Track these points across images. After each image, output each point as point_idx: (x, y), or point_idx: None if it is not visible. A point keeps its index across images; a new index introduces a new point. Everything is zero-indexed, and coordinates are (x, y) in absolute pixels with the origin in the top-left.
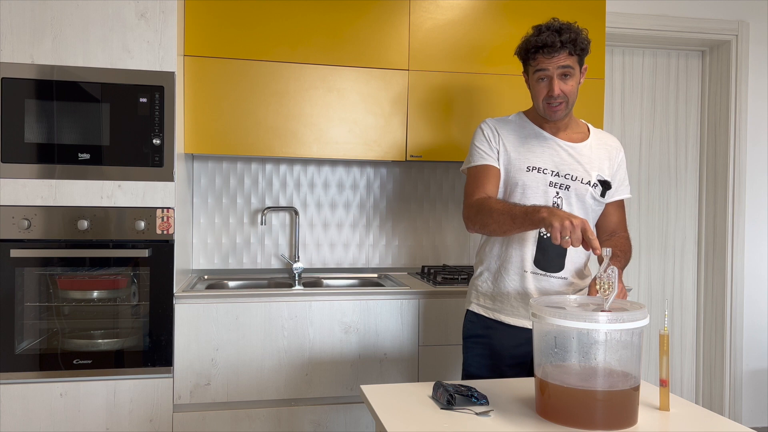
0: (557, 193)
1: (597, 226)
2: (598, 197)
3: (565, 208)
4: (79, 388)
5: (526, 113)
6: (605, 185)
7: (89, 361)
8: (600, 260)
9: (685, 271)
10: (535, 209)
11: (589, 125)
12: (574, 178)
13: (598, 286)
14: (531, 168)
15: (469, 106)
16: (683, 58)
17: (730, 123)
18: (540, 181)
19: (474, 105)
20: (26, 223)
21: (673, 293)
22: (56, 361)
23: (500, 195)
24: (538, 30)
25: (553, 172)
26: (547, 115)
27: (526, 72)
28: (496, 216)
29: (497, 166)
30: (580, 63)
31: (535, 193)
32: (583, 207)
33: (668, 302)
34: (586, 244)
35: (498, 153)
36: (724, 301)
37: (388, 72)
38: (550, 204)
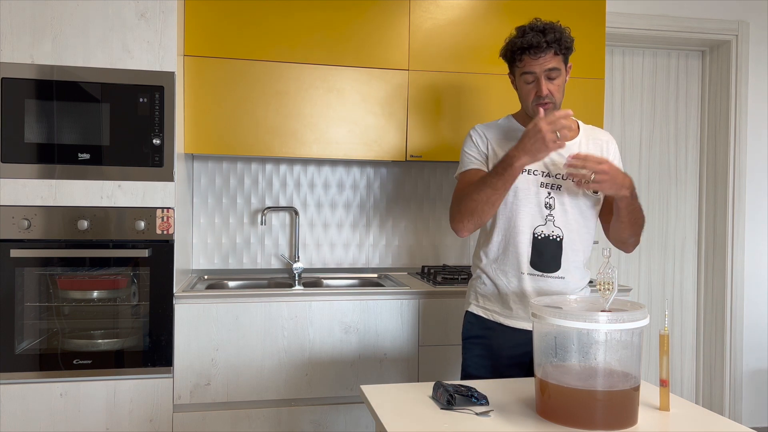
0: (549, 193)
1: (602, 217)
2: (590, 194)
3: (557, 207)
4: (79, 388)
5: (515, 116)
6: None
7: (89, 361)
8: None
9: (685, 271)
10: (502, 161)
11: (579, 122)
12: (565, 178)
13: (597, 286)
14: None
15: (470, 106)
16: (683, 58)
17: (730, 123)
18: (531, 182)
19: (474, 105)
20: (26, 223)
21: (673, 293)
22: (56, 361)
23: None
24: (522, 31)
25: (543, 173)
26: (537, 115)
27: (512, 73)
28: (473, 189)
29: (485, 169)
30: (566, 62)
31: (526, 195)
32: (576, 205)
33: (668, 302)
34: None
35: (487, 158)
36: (724, 301)
37: (388, 72)
38: (542, 204)
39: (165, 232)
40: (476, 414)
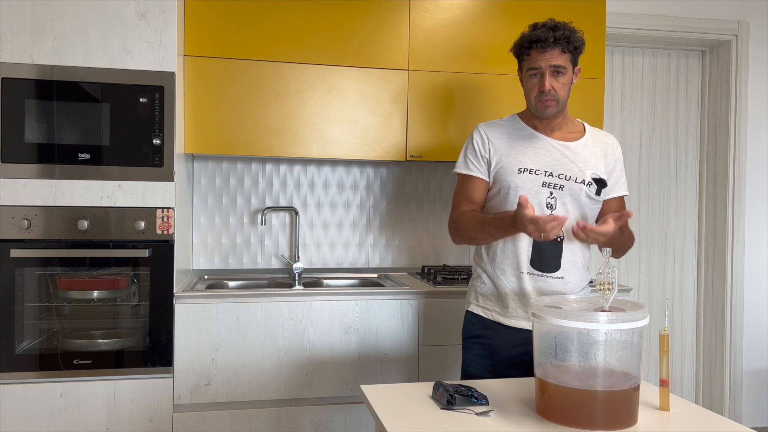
0: (551, 193)
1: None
2: (593, 195)
3: (559, 207)
4: (79, 388)
5: (520, 115)
6: (600, 183)
7: (89, 361)
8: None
9: (685, 271)
10: (505, 221)
11: (585, 124)
12: (568, 178)
13: (597, 286)
14: (522, 170)
15: (469, 106)
16: (683, 58)
17: (730, 123)
18: (532, 182)
19: (474, 105)
20: (26, 223)
21: (673, 293)
22: (56, 361)
23: (495, 197)
24: (534, 26)
25: (546, 172)
26: (538, 112)
27: (520, 70)
28: (471, 225)
29: (483, 178)
30: (573, 63)
31: (527, 194)
32: (578, 206)
33: (668, 302)
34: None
35: (488, 161)
36: (724, 301)
37: (388, 72)
38: (544, 205)
39: (165, 232)
40: (476, 414)
